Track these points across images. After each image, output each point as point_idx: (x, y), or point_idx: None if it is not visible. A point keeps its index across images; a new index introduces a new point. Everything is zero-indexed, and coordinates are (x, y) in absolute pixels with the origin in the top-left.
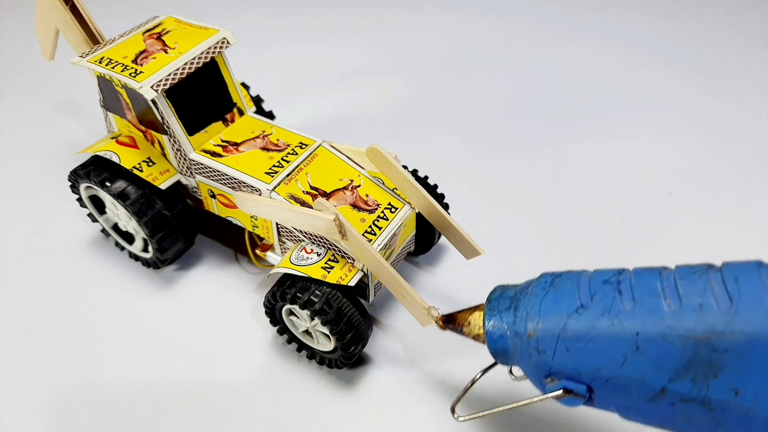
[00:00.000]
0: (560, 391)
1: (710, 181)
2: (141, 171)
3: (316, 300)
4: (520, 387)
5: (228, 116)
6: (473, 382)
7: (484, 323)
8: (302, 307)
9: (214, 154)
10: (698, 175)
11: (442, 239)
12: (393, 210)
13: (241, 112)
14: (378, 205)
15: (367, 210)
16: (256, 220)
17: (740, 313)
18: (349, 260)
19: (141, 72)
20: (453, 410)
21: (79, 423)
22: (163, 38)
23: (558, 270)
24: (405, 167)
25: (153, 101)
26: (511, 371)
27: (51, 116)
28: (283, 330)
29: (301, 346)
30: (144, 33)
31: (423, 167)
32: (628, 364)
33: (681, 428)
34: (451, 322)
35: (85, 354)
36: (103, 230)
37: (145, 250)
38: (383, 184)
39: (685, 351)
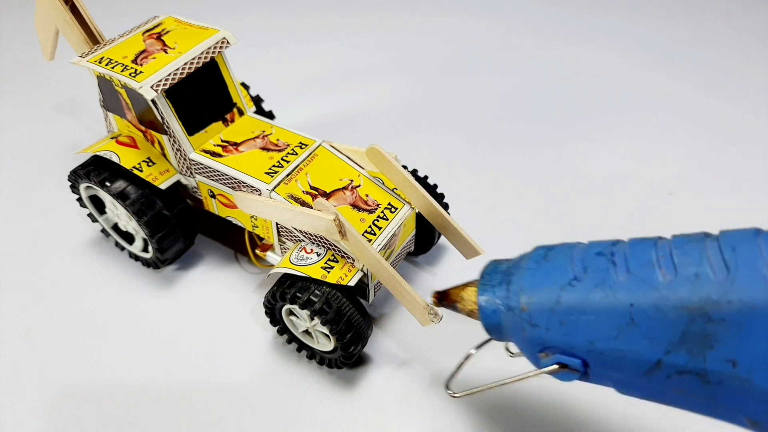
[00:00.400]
0: (555, 366)
1: (710, 181)
2: (141, 171)
3: (315, 300)
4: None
5: (228, 116)
6: (467, 357)
7: (477, 298)
8: (302, 307)
9: (214, 154)
10: (698, 175)
11: (442, 239)
12: (393, 210)
13: (241, 112)
14: (378, 205)
15: (366, 210)
16: (256, 220)
17: (737, 282)
18: (348, 260)
19: (141, 72)
20: (447, 387)
21: (79, 423)
22: (163, 38)
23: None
24: (405, 167)
25: (153, 101)
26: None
27: (51, 116)
28: (283, 330)
29: (301, 346)
30: (144, 33)
31: (423, 167)
32: (623, 337)
33: (677, 403)
34: (445, 298)
35: (85, 354)
36: (103, 230)
37: (145, 250)
38: (383, 184)
39: (679, 322)
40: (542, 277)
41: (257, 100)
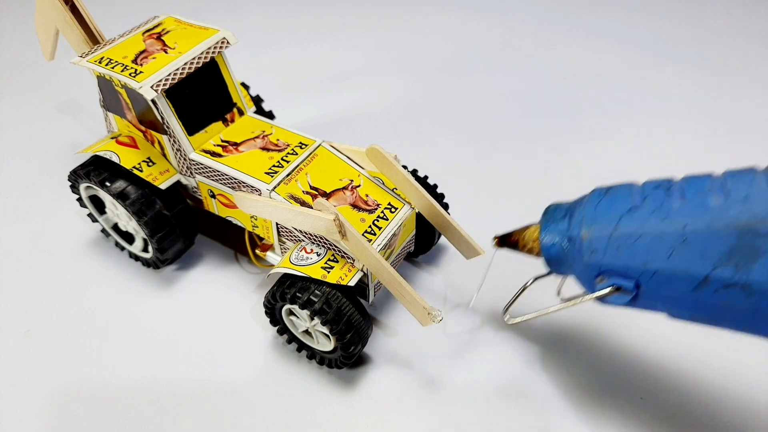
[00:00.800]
0: (609, 288)
1: None
2: (141, 171)
3: (315, 300)
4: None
5: (228, 116)
6: (524, 288)
7: (540, 234)
8: (302, 307)
9: (214, 154)
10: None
11: (442, 239)
12: (393, 210)
13: (241, 112)
14: (378, 205)
15: (366, 210)
16: (256, 220)
17: None
18: (349, 260)
19: (141, 72)
20: (505, 312)
21: (79, 423)
22: (163, 38)
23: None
24: (405, 167)
25: (153, 101)
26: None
27: (51, 116)
28: (283, 330)
29: (301, 346)
30: (144, 33)
31: (423, 167)
32: (675, 256)
33: (722, 319)
34: (507, 239)
35: (85, 354)
36: (103, 230)
37: (145, 250)
38: (383, 184)
39: (729, 238)
40: (603, 209)
41: (257, 100)
